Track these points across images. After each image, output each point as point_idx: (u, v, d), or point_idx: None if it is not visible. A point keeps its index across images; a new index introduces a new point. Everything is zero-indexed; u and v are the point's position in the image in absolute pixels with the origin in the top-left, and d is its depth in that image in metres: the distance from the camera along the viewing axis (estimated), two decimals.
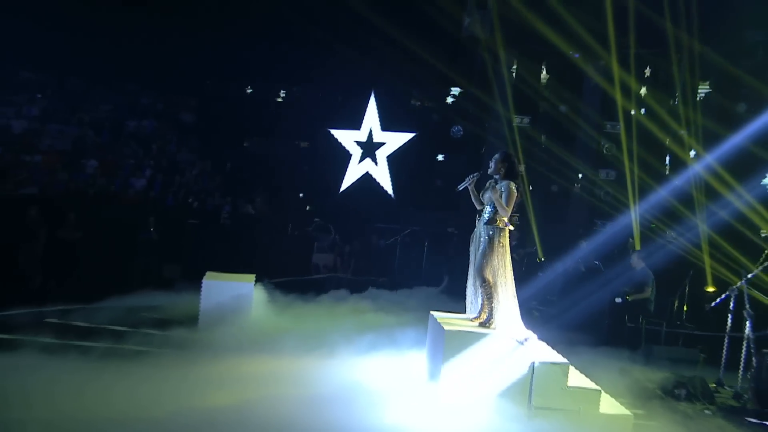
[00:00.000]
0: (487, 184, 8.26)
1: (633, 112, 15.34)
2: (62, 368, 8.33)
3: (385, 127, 17.99)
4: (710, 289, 12.88)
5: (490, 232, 8.06)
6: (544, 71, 17.15)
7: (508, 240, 8.29)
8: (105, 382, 7.88)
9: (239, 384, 8.17)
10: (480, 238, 8.22)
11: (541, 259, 15.53)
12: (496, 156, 8.32)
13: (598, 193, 16.38)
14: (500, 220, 8.07)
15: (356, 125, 18.07)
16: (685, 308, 12.64)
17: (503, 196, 7.88)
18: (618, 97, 15.00)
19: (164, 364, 8.83)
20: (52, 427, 6.67)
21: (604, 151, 16.21)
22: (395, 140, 17.94)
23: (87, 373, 8.22)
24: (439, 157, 18.45)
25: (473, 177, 8.33)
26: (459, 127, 17.65)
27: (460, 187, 8.44)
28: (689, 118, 14.62)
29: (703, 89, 15.58)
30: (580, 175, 17.29)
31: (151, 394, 7.62)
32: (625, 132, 15.35)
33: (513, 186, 7.95)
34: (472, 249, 8.45)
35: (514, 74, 16.74)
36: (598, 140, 16.58)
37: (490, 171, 8.24)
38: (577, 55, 16.32)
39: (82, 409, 7.14)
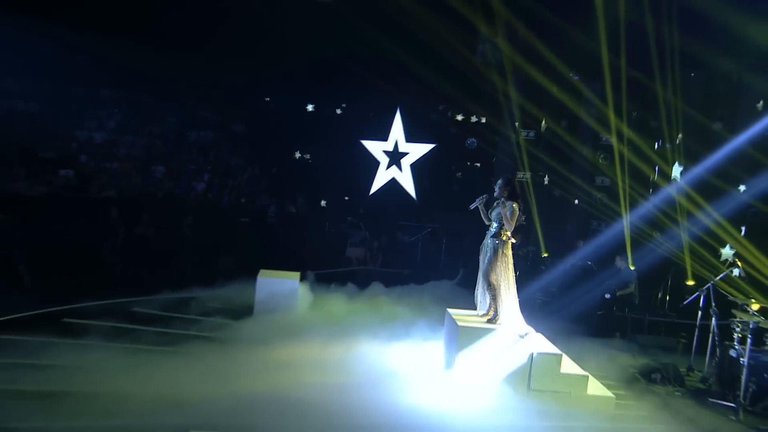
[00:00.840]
0: (495, 203, 8.51)
1: (623, 128, 15.00)
2: (139, 351, 8.60)
3: (409, 138, 17.95)
4: (690, 282, 12.71)
5: (496, 244, 8.38)
6: (555, 89, 16.76)
7: (510, 251, 8.48)
8: (175, 366, 8.05)
9: (289, 368, 8.31)
10: (487, 248, 8.48)
11: (545, 255, 15.26)
12: (499, 182, 8.66)
13: (594, 197, 16.15)
14: (504, 234, 8.36)
15: (384, 137, 18.06)
16: (667, 299, 12.46)
17: (508, 213, 8.17)
18: (611, 113, 14.77)
19: (227, 350, 8.90)
20: (132, 403, 6.81)
21: (600, 161, 16.03)
22: (417, 150, 17.91)
23: (160, 356, 8.45)
24: (458, 174, 18.21)
25: (482, 198, 8.64)
26: (473, 139, 17.54)
27: (472, 207, 8.73)
28: (672, 134, 14.35)
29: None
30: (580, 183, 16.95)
31: (217, 377, 7.77)
32: (617, 144, 15.12)
33: (516, 206, 8.25)
34: (481, 257, 8.67)
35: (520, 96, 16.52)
36: (594, 151, 16.33)
37: (495, 194, 8.49)
38: (577, 77, 16.23)
39: (155, 388, 7.27)
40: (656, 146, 15.14)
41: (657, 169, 14.77)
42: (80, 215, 14.92)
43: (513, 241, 8.60)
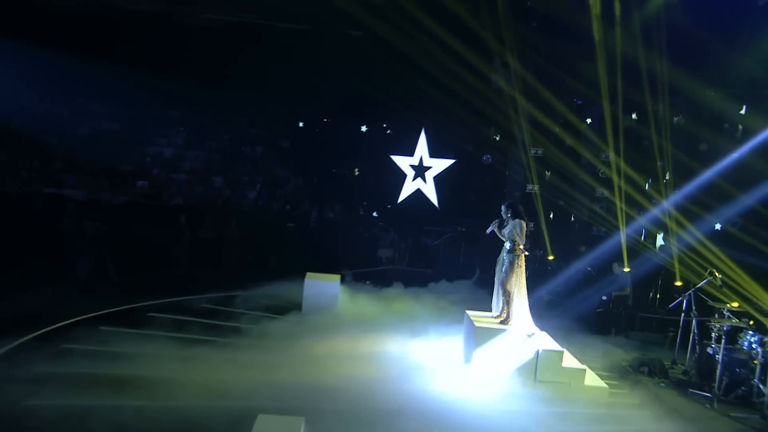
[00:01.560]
0: (504, 223, 8.81)
1: (620, 145, 14.71)
2: (209, 343, 8.84)
3: (432, 154, 17.89)
4: (678, 283, 12.46)
5: (511, 257, 8.60)
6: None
7: (523, 263, 8.70)
8: (242, 356, 8.30)
9: (334, 360, 8.52)
10: (504, 260, 8.70)
11: (551, 257, 15.06)
12: (503, 207, 8.92)
13: (595, 207, 15.92)
14: (518, 249, 8.61)
15: (410, 153, 18.01)
16: (657, 297, 12.39)
17: (517, 230, 8.53)
18: (609, 133, 14.56)
19: (282, 343, 9.06)
20: (204, 388, 7.05)
21: (599, 175, 15.89)
22: (440, 165, 17.85)
23: (227, 347, 8.65)
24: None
25: (495, 223, 8.90)
26: (488, 156, 17.28)
27: (488, 231, 9.02)
28: (663, 150, 14.20)
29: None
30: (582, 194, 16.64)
31: (276, 367, 7.97)
32: (615, 160, 14.88)
33: (523, 223, 8.62)
34: (497, 268, 8.94)
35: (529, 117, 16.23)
36: (595, 166, 16.07)
37: (503, 217, 8.84)
38: (579, 102, 16.28)
39: (226, 375, 7.52)
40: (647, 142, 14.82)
41: (650, 180, 14.71)
42: (154, 220, 15.27)
43: (526, 253, 8.76)
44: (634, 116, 15.37)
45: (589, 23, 13.02)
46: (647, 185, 15.08)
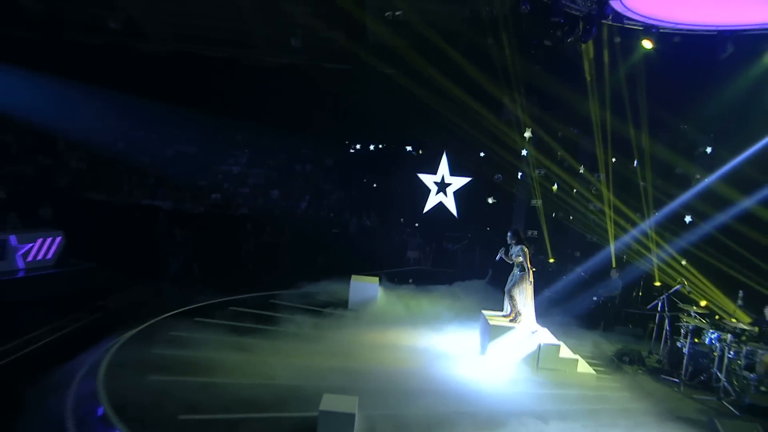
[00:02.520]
0: (509, 247, 8.90)
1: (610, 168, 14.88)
2: (274, 333, 9.01)
3: (452, 173, 17.79)
4: (657, 284, 12.59)
5: (521, 274, 8.74)
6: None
7: (531, 278, 8.80)
8: (300, 344, 8.49)
9: (377, 348, 8.75)
10: (515, 274, 8.83)
11: (552, 261, 14.84)
12: (509, 234, 8.98)
13: (588, 219, 15.83)
14: (528, 270, 8.78)
15: (434, 172, 17.91)
16: (640, 295, 12.44)
17: (521, 256, 8.63)
18: (600, 157, 14.70)
19: (335, 333, 9.24)
20: (278, 370, 7.29)
21: (592, 192, 15.81)
22: (458, 182, 17.75)
23: (289, 337, 8.81)
24: (490, 200, 17.97)
25: (502, 251, 8.98)
26: (500, 175, 17.13)
27: (497, 258, 9.02)
28: (645, 175, 14.16)
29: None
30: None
31: (331, 354, 8.23)
32: (605, 180, 15.04)
33: (524, 248, 8.68)
34: (509, 278, 9.05)
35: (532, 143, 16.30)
36: (588, 183, 16.01)
37: (508, 242, 8.89)
38: (576, 130, 16.19)
39: (294, 360, 7.73)
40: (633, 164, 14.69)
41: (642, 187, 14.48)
42: (226, 227, 15.61)
43: (533, 270, 8.89)
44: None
45: (583, 68, 13.10)
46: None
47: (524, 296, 8.82)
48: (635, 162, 13.81)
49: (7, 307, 9.38)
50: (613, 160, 14.79)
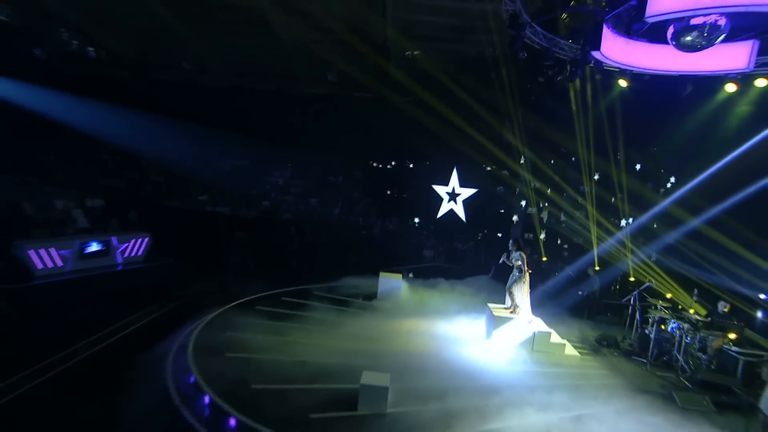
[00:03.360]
0: (510, 252, 9.06)
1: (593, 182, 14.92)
2: (309, 318, 9.15)
3: (461, 185, 17.26)
4: (632, 279, 12.55)
5: (520, 274, 8.93)
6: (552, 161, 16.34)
7: (528, 278, 8.97)
8: (336, 329, 8.66)
9: (402, 334, 8.92)
10: (515, 274, 9.00)
11: (545, 259, 14.97)
12: (510, 241, 9.10)
13: (576, 224, 15.90)
14: (525, 272, 8.93)
15: (446, 183, 17.38)
16: (617, 288, 12.47)
17: (520, 261, 8.80)
18: (584, 173, 14.66)
19: (368, 320, 9.40)
20: (315, 348, 7.55)
21: (579, 201, 15.88)
22: (467, 192, 17.27)
23: (328, 323, 9.00)
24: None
25: (504, 255, 9.12)
26: (501, 187, 17.17)
27: (500, 262, 9.15)
28: (622, 189, 14.17)
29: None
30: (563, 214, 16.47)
31: (362, 336, 8.44)
32: (590, 192, 14.95)
33: (522, 254, 8.84)
34: (509, 278, 9.24)
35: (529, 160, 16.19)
36: (575, 195, 16.10)
37: (509, 249, 9.04)
38: (564, 150, 16.25)
39: (327, 340, 8.00)
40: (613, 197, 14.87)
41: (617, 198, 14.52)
42: (274, 230, 15.87)
43: (530, 272, 9.09)
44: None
45: (570, 100, 13.22)
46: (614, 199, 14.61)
47: (522, 292, 9.07)
48: (615, 177, 13.98)
49: (111, 295, 10.09)
50: (596, 177, 14.88)
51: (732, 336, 8.33)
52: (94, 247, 11.12)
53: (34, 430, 5.76)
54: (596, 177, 14.81)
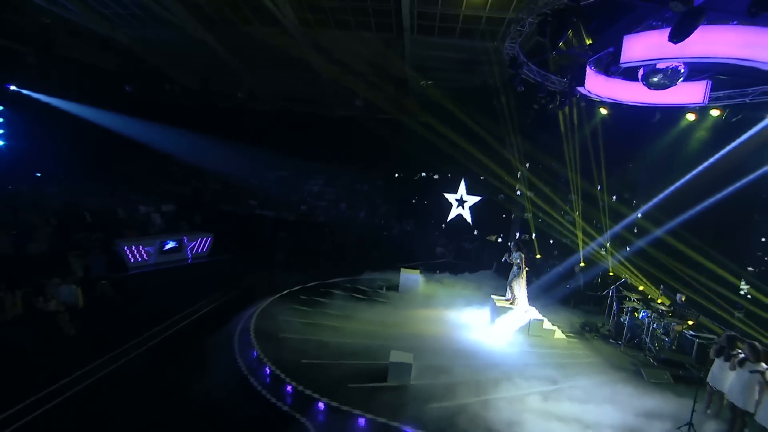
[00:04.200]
0: (511, 251, 9.12)
1: (579, 192, 14.66)
2: (344, 306, 9.21)
3: (469, 193, 17.62)
4: (611, 273, 12.34)
5: (518, 271, 9.03)
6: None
7: (525, 275, 9.06)
8: (367, 315, 8.83)
9: (421, 320, 9.04)
10: (514, 271, 9.09)
11: (539, 257, 14.69)
12: (511, 243, 9.17)
13: (564, 228, 15.52)
14: (523, 269, 9.12)
15: (455, 192, 17.75)
16: (599, 281, 12.24)
17: (519, 260, 8.89)
18: (572, 184, 14.57)
19: (392, 309, 9.55)
20: (351, 331, 7.75)
21: (567, 210, 15.27)
22: (473, 199, 17.58)
23: (350, 310, 9.04)
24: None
25: (506, 255, 9.19)
26: (503, 195, 16.67)
27: (503, 260, 9.23)
28: (604, 198, 14.06)
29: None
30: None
31: (386, 321, 8.64)
32: (576, 201, 14.88)
33: (521, 254, 8.91)
34: (510, 274, 9.38)
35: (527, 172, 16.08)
36: (563, 203, 15.62)
37: (511, 249, 9.09)
38: (554, 166, 16.04)
39: (359, 325, 8.17)
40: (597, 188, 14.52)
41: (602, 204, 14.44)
42: (310, 231, 15.82)
43: (527, 269, 9.17)
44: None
45: (559, 123, 13.26)
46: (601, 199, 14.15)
47: (520, 287, 9.28)
48: (598, 187, 13.93)
49: (184, 284, 10.36)
50: (580, 189, 14.54)
51: (690, 322, 8.58)
52: (170, 244, 11.73)
53: (138, 387, 6.19)
54: (580, 189, 14.65)
